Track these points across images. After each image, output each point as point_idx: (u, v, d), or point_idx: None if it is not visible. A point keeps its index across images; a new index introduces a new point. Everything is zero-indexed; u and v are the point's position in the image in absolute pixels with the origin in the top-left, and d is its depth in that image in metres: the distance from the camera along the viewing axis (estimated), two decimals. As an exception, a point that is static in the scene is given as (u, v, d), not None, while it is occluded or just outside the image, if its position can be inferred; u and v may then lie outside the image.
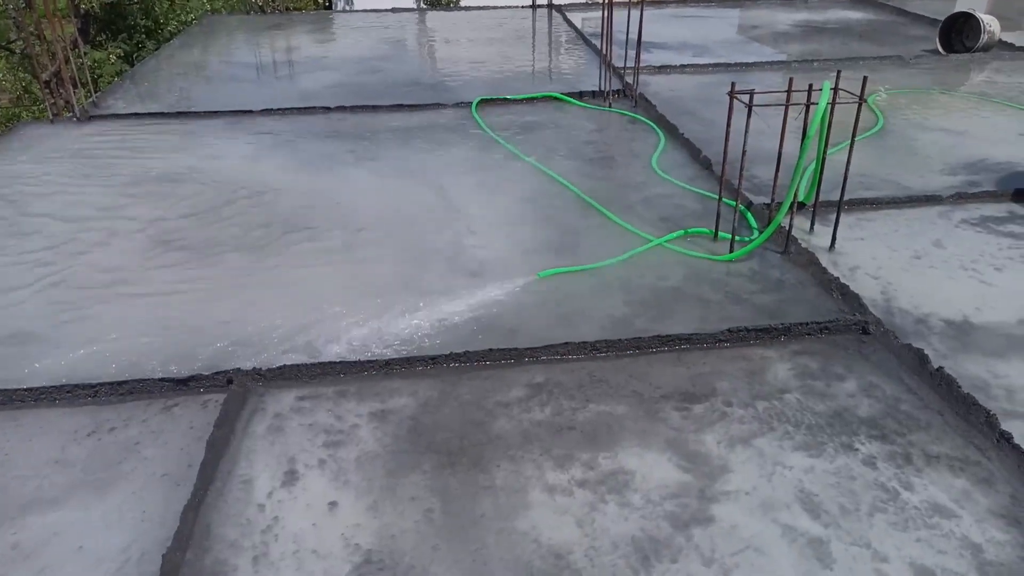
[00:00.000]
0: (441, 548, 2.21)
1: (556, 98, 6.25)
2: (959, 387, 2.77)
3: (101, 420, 2.76)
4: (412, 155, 5.17)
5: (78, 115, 5.98)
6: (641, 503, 2.35)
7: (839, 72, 3.63)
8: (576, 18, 9.61)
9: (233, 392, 2.85)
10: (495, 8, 10.50)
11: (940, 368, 2.87)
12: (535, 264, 3.73)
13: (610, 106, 6.09)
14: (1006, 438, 2.54)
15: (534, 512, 2.33)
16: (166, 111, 6.15)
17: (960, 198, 4.37)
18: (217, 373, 2.92)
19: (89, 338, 3.23)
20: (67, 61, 6.00)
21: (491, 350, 3.04)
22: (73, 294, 3.56)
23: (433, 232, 4.11)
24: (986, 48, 7.52)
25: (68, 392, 2.87)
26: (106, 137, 5.63)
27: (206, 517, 2.33)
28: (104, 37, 16.51)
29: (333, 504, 2.37)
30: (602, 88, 6.20)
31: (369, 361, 2.99)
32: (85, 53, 12.77)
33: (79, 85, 6.17)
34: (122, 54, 16.05)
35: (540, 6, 10.17)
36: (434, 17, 10.16)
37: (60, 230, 4.18)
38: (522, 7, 10.38)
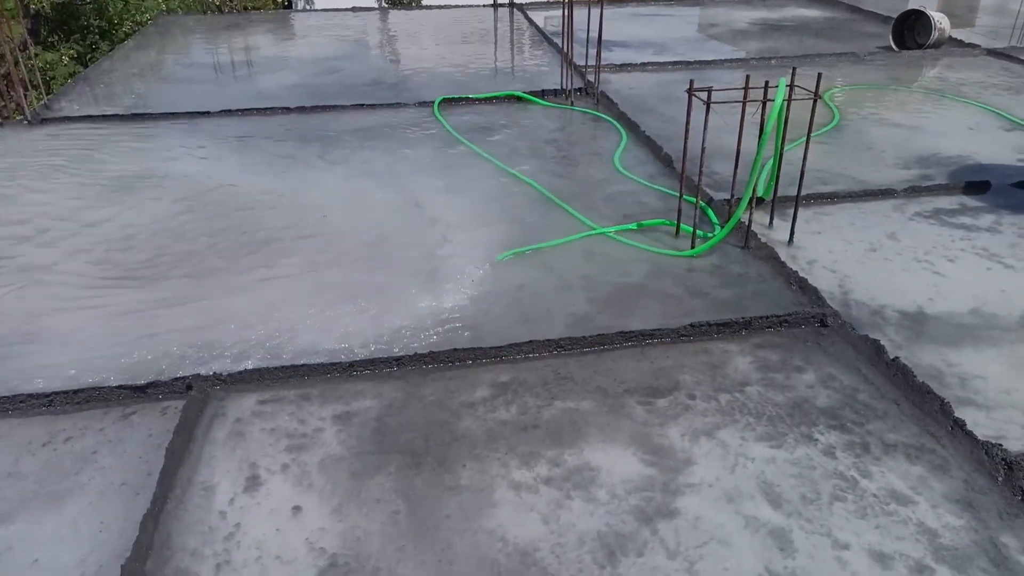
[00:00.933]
0: (407, 549, 2.20)
1: (518, 97, 6.25)
2: (914, 376, 2.83)
3: (56, 430, 2.69)
4: (374, 155, 5.14)
5: (29, 118, 5.83)
6: (606, 498, 2.36)
7: (794, 69, 3.69)
8: (538, 17, 9.63)
9: (193, 398, 2.80)
10: (457, 7, 10.47)
11: (896, 358, 2.94)
12: (498, 263, 3.73)
13: (572, 104, 6.11)
14: (959, 425, 2.60)
15: (500, 511, 2.33)
16: (121, 113, 6.03)
17: (913, 191, 4.47)
18: (176, 379, 2.87)
19: (42, 347, 3.15)
20: (16, 63, 5.84)
21: (455, 350, 3.03)
22: (24, 303, 3.47)
23: (395, 233, 4.08)
24: (937, 45, 7.71)
25: (21, 402, 2.79)
26: (59, 140, 5.50)
27: (166, 526, 2.28)
28: (56, 38, 16.10)
29: (297, 509, 2.34)
30: (564, 87, 6.22)
31: (332, 363, 2.96)
32: (36, 55, 12.44)
33: (30, 87, 6.01)
34: (75, 55, 15.67)
35: (501, 5, 10.17)
36: (395, 17, 10.10)
37: (9, 236, 4.07)
38: (484, 6, 10.37)
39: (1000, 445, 2.49)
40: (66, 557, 2.19)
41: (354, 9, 10.31)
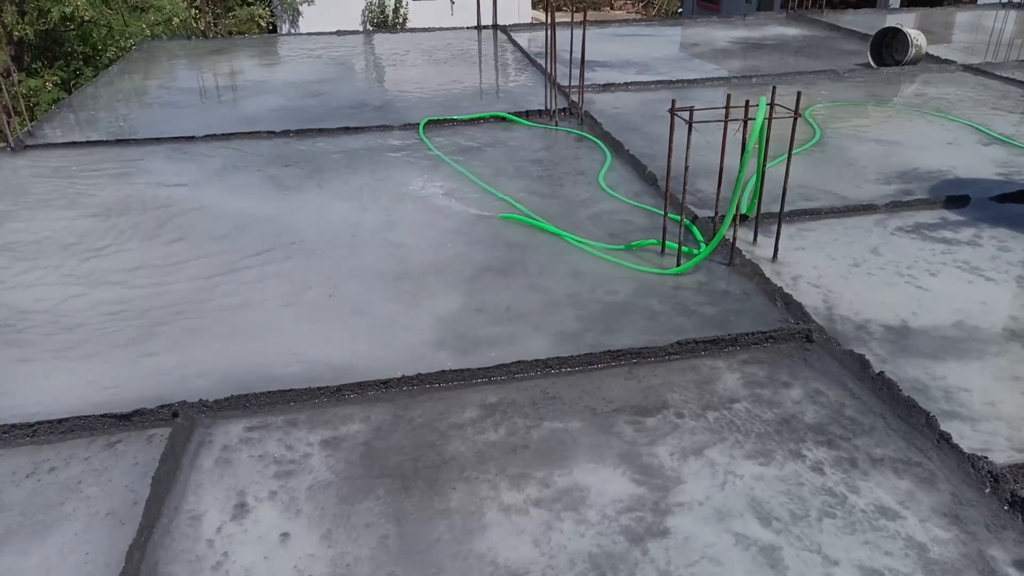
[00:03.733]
0: (398, 574, 2.18)
1: (503, 118, 6.30)
2: (900, 390, 2.86)
3: (40, 460, 2.66)
4: (359, 178, 5.15)
5: (12, 145, 5.80)
6: (597, 519, 2.36)
7: (774, 88, 3.74)
8: (522, 38, 9.72)
9: (179, 425, 2.78)
10: (441, 30, 10.55)
11: (881, 373, 2.96)
12: (484, 283, 3.74)
13: (556, 124, 6.16)
14: (946, 438, 2.62)
15: (490, 533, 2.32)
16: (106, 139, 6.01)
17: (895, 206, 4.52)
18: (162, 406, 2.85)
19: (25, 376, 3.12)
20: (0, 90, 5.83)
21: (443, 371, 3.03)
22: (6, 330, 3.44)
23: (381, 254, 4.09)
24: (915, 61, 7.84)
25: (4, 432, 2.76)
26: (43, 167, 5.48)
27: (153, 555, 2.26)
28: (40, 64, 16.09)
29: (285, 535, 2.32)
30: (548, 107, 6.27)
31: (319, 388, 2.95)
32: (19, 81, 12.42)
33: (13, 114, 6.01)
34: (59, 81, 15.66)
35: (486, 27, 10.26)
36: (380, 39, 10.17)
37: (-6, 264, 4.04)
38: (468, 28, 10.46)
39: (986, 458, 2.51)
40: (51, 590, 2.16)
41: (339, 32, 10.38)
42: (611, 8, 33.40)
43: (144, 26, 16.64)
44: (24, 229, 4.46)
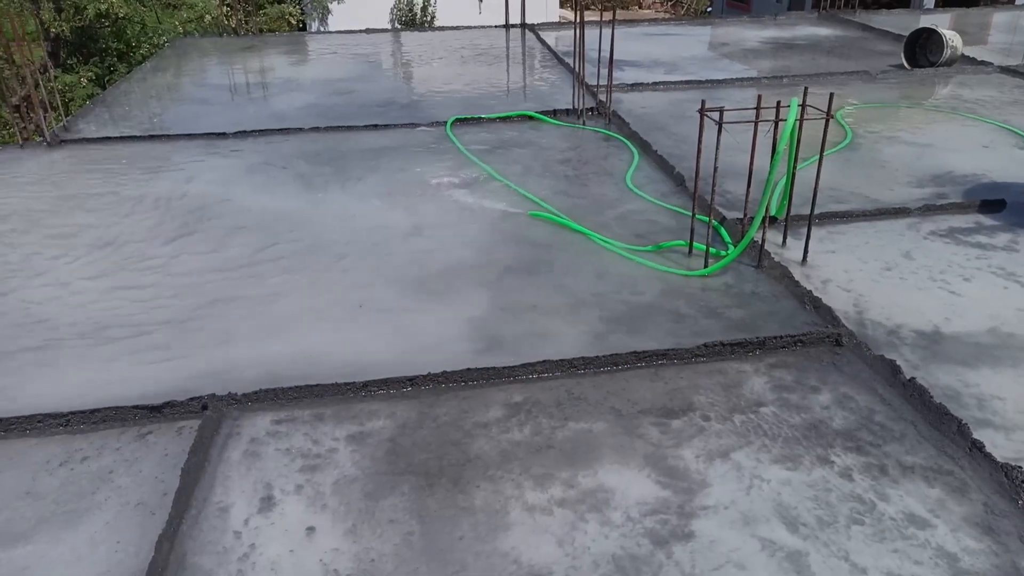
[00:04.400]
0: (421, 571, 2.19)
1: (530, 116, 6.29)
2: (931, 397, 2.81)
3: (73, 450, 2.71)
4: (386, 175, 5.18)
5: (48, 139, 5.91)
6: (621, 520, 2.35)
7: (806, 88, 3.69)
8: (549, 37, 9.71)
9: (208, 418, 2.81)
10: (469, 28, 10.58)
11: (912, 379, 2.91)
12: (509, 282, 3.75)
13: (584, 124, 6.14)
14: (978, 447, 2.58)
15: (514, 532, 2.32)
16: (138, 134, 6.11)
17: (928, 210, 4.45)
18: (192, 399, 2.89)
19: (58, 366, 3.18)
20: (37, 85, 5.95)
21: (469, 370, 3.03)
22: (40, 323, 3.51)
23: (407, 252, 4.11)
24: (950, 63, 7.71)
25: (39, 422, 2.82)
26: (77, 161, 5.58)
27: (181, 546, 2.29)
28: (75, 60, 16.37)
29: (311, 529, 2.34)
30: (576, 106, 6.26)
31: (346, 383, 2.97)
32: (56, 77, 12.66)
33: (49, 109, 6.12)
34: (93, 77, 15.92)
35: (513, 26, 10.26)
36: (408, 38, 10.21)
37: (27, 254, 4.12)
38: (495, 27, 10.47)
39: (1020, 467, 2.46)
40: (82, 577, 2.20)
41: (368, 30, 10.44)
42: (639, 7, 33.23)
43: (177, 23, 16.85)
44: (59, 222, 4.54)
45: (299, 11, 21.42)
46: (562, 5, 26.52)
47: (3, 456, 2.69)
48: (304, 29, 21.36)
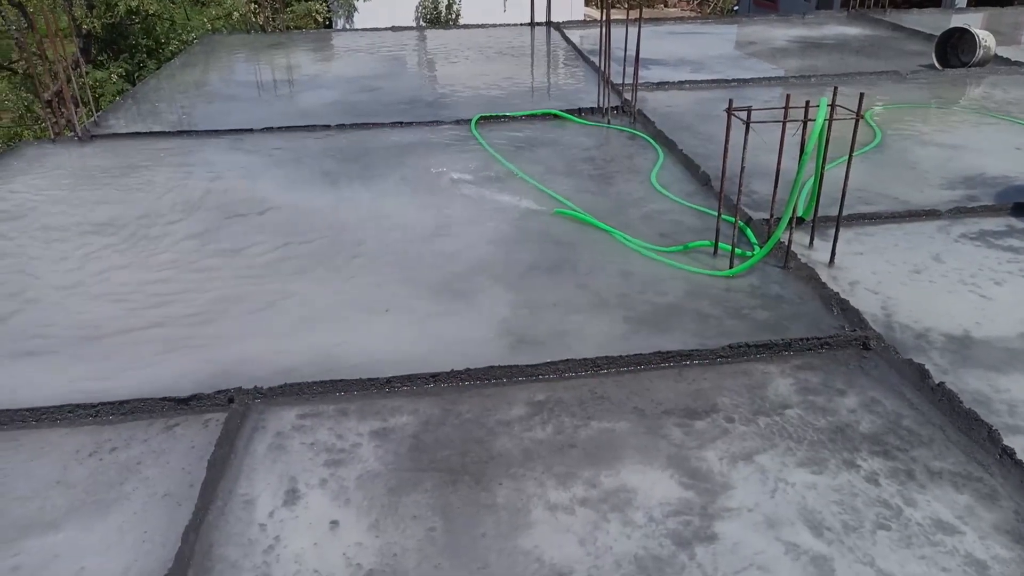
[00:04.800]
0: (443, 567, 2.20)
1: (555, 115, 6.28)
2: (960, 402, 2.77)
3: (102, 440, 2.76)
4: (411, 172, 5.19)
5: (79, 134, 6.01)
6: (644, 521, 2.34)
7: (836, 88, 3.65)
8: (574, 35, 9.68)
9: (234, 411, 2.85)
10: (494, 26, 10.58)
11: (941, 383, 2.87)
12: (533, 280, 3.75)
13: (609, 122, 6.12)
14: (1008, 453, 2.54)
15: (536, 530, 2.32)
16: (167, 130, 6.19)
17: (958, 212, 4.38)
18: (218, 392, 2.92)
19: (87, 358, 3.23)
20: (69, 80, 6.04)
21: (492, 367, 3.04)
22: (70, 312, 3.57)
23: (431, 250, 4.12)
24: (982, 63, 7.58)
25: (69, 412, 2.86)
26: (107, 156, 5.66)
27: (207, 537, 2.32)
28: (106, 56, 16.62)
29: (335, 523, 2.36)
30: (601, 105, 6.24)
31: (370, 379, 2.99)
32: (87, 72, 12.84)
33: (80, 104, 6.21)
34: (123, 73, 16.15)
35: (538, 24, 10.24)
36: (433, 35, 10.23)
37: (59, 248, 4.19)
38: (521, 25, 10.47)
39: (1051, 475, 2.42)
40: (111, 565, 2.23)
41: (393, 28, 10.48)
42: (665, 5, 33.05)
43: (205, 20, 17.04)
44: (88, 215, 4.61)
45: (325, 8, 21.57)
46: (587, 3, 26.44)
47: (35, 445, 2.74)
48: (330, 27, 21.49)
